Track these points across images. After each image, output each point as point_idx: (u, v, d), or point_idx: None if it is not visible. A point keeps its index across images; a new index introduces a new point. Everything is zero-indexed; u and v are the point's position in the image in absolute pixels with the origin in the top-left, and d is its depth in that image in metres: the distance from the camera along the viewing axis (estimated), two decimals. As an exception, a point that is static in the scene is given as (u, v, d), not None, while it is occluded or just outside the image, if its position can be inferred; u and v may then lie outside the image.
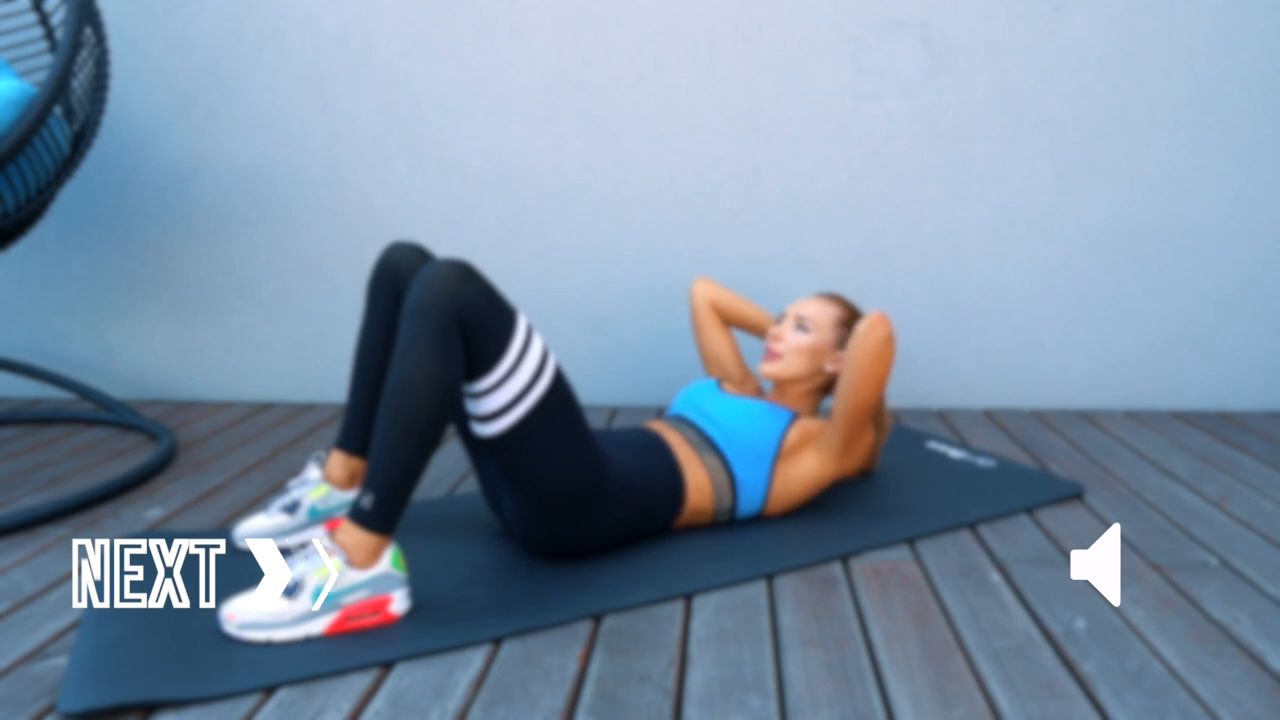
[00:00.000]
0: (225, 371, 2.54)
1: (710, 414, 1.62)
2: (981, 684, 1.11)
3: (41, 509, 1.63)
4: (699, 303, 1.90)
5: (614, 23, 2.30)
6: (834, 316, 1.69)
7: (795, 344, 1.66)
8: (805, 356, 1.66)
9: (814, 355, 1.67)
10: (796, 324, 1.68)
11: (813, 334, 1.67)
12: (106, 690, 1.07)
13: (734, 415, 1.59)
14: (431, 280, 1.26)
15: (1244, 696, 1.08)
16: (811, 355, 1.66)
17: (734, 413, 1.60)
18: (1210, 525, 1.60)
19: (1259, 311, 2.29)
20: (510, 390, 1.30)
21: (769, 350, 1.68)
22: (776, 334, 1.68)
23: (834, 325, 1.68)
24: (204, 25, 2.38)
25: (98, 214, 2.49)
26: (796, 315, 1.69)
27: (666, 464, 1.52)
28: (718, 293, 1.90)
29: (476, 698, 1.09)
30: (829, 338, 1.67)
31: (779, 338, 1.68)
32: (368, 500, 1.23)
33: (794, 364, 1.66)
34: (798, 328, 1.68)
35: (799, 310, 1.69)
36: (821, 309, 1.69)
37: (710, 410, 1.63)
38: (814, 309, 1.69)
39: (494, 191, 2.40)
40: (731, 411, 1.60)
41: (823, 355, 1.67)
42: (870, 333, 1.49)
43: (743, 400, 1.63)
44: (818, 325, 1.67)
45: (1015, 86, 2.25)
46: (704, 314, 1.90)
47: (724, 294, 1.90)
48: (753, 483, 1.57)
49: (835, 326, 1.68)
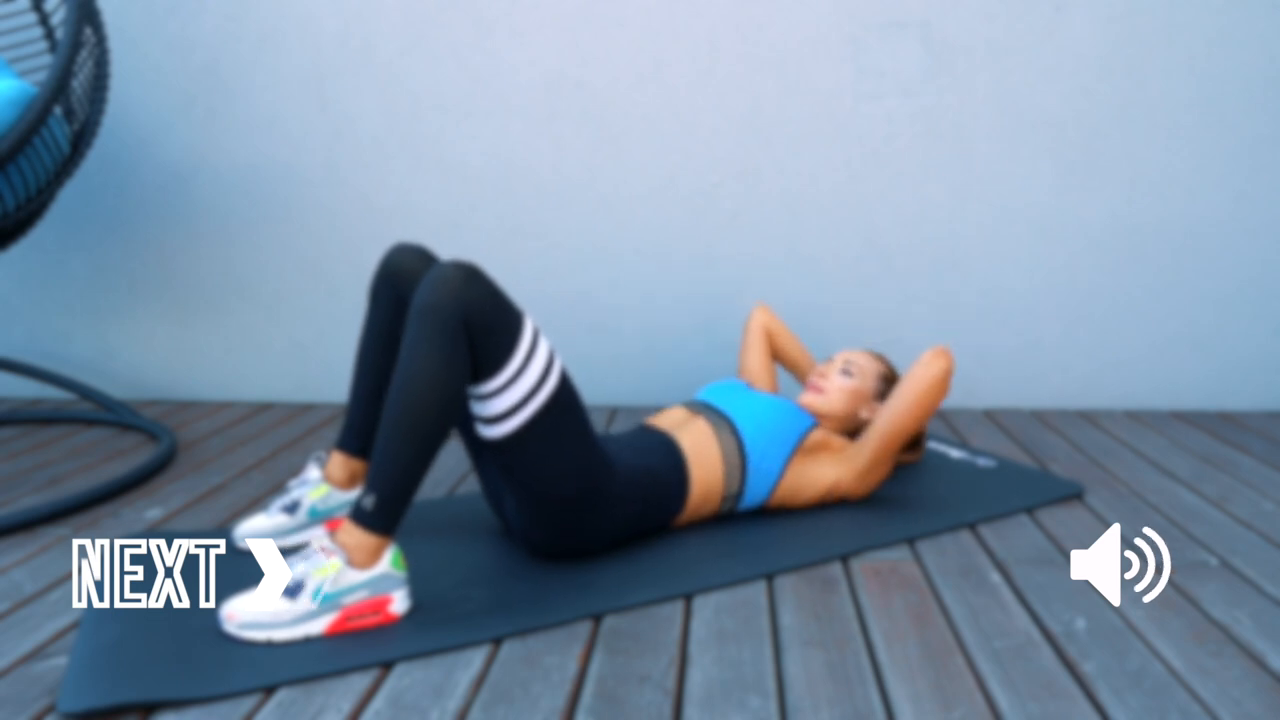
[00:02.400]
0: (225, 371, 2.54)
1: (736, 402, 1.66)
2: (981, 684, 1.11)
3: (41, 509, 1.63)
4: (754, 324, 2.01)
5: (614, 23, 2.30)
6: (878, 370, 1.78)
7: (839, 385, 1.74)
8: (846, 397, 1.74)
9: (854, 399, 1.74)
10: (843, 368, 1.76)
11: (856, 379, 1.75)
12: (106, 690, 1.07)
13: (760, 405, 1.64)
14: (438, 282, 1.26)
15: (1244, 696, 1.08)
16: (852, 398, 1.74)
17: (760, 404, 1.64)
18: (1210, 525, 1.60)
19: (1259, 311, 2.29)
20: (517, 393, 1.30)
21: (812, 384, 1.76)
22: (822, 371, 1.77)
23: (877, 377, 1.77)
24: (204, 25, 2.38)
25: (98, 214, 2.49)
26: (844, 359, 1.78)
27: (671, 461, 1.52)
28: (775, 323, 2.01)
29: (476, 698, 1.09)
30: (870, 387, 1.76)
31: (824, 375, 1.76)
32: (370, 501, 1.23)
33: (835, 402, 1.73)
34: (843, 372, 1.75)
35: (846, 356, 1.79)
36: (868, 360, 1.78)
37: (737, 399, 1.67)
38: (861, 359, 1.78)
39: (494, 191, 2.40)
40: (758, 402, 1.65)
41: (861, 401, 1.75)
42: (933, 361, 1.56)
43: (771, 397, 1.69)
44: (862, 373, 1.76)
45: (1015, 86, 2.25)
46: (756, 334, 2.00)
47: (780, 327, 2.02)
48: (765, 470, 1.58)
49: (878, 378, 1.77)
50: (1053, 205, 2.29)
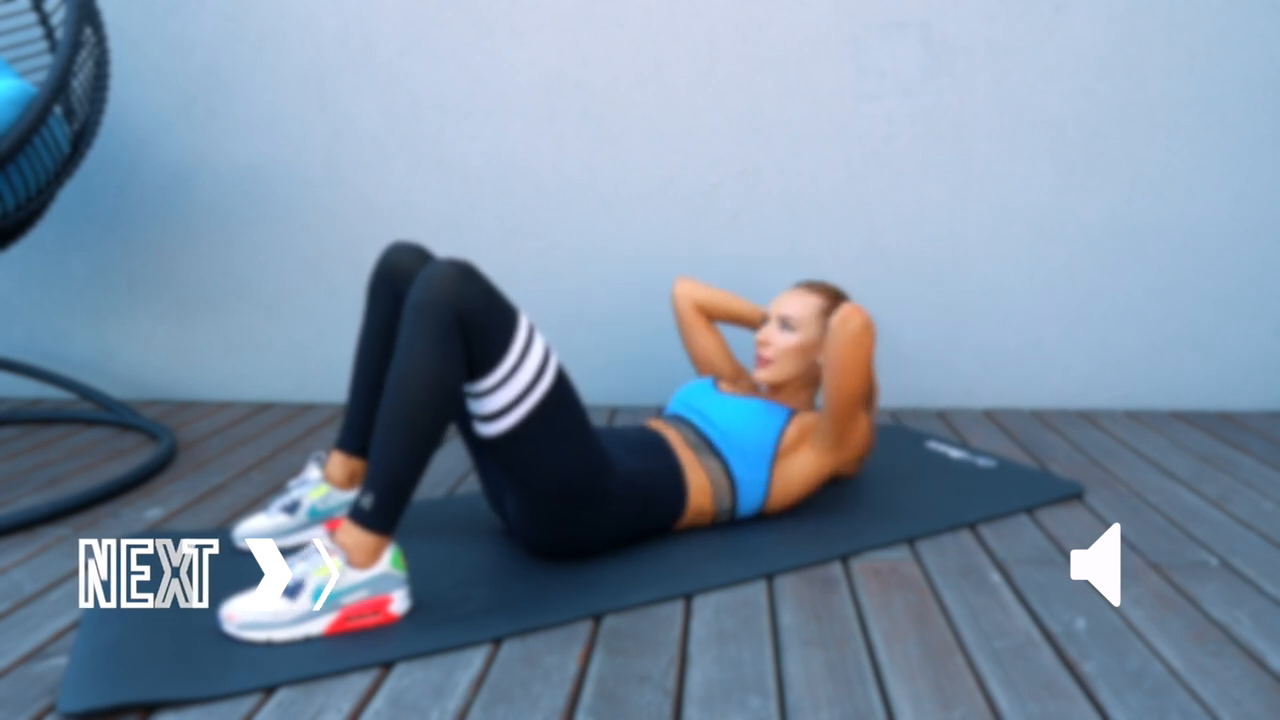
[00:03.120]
0: (225, 371, 2.54)
1: (708, 414, 1.62)
2: (981, 684, 1.11)
3: (41, 509, 1.63)
4: (682, 305, 1.87)
5: (614, 23, 2.30)
6: (815, 309, 1.68)
7: (783, 346, 1.67)
8: (795, 356, 1.67)
9: (803, 353, 1.67)
10: (781, 324, 1.68)
11: (798, 332, 1.67)
12: (106, 690, 1.07)
13: (731, 415, 1.59)
14: (432, 280, 1.26)
15: (1244, 696, 1.08)
16: (801, 354, 1.67)
17: (731, 413, 1.60)
18: (1210, 525, 1.60)
19: (1259, 311, 2.29)
20: (512, 390, 1.30)
21: (759, 357, 1.69)
22: (764, 339, 1.69)
23: (817, 318, 1.68)
24: (204, 25, 2.38)
25: (98, 214, 2.49)
26: (779, 316, 1.69)
27: (669, 464, 1.52)
28: (701, 291, 1.87)
29: (476, 698, 1.09)
30: (814, 331, 1.67)
31: (766, 342, 1.68)
32: (368, 500, 1.23)
33: (786, 367, 1.67)
34: (783, 328, 1.68)
35: (781, 310, 1.69)
36: (801, 303, 1.68)
37: (707, 411, 1.63)
38: (795, 306, 1.68)
39: (494, 191, 2.40)
40: (729, 411, 1.60)
41: (812, 351, 1.68)
42: (843, 326, 1.50)
43: (739, 400, 1.63)
44: (801, 322, 1.67)
45: (1015, 86, 2.25)
46: (688, 316, 1.87)
47: (708, 291, 1.87)
48: (752, 482, 1.57)
49: (818, 319, 1.68)
50: (1053, 205, 2.29)
